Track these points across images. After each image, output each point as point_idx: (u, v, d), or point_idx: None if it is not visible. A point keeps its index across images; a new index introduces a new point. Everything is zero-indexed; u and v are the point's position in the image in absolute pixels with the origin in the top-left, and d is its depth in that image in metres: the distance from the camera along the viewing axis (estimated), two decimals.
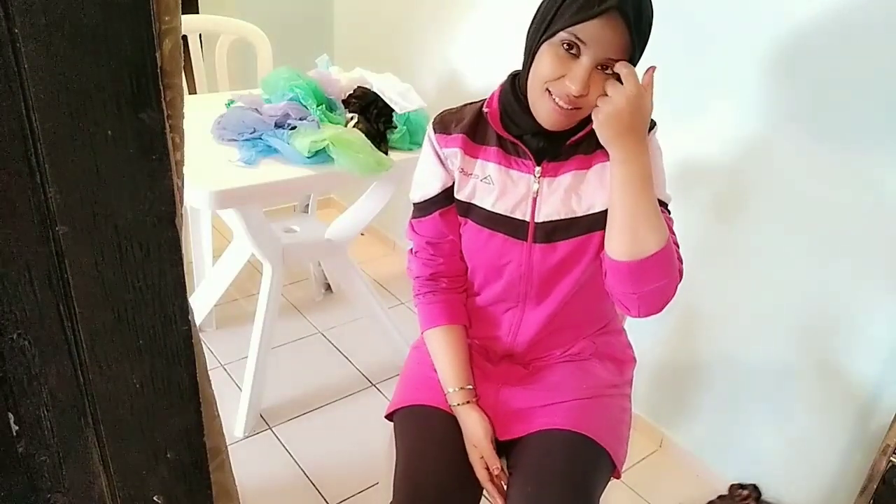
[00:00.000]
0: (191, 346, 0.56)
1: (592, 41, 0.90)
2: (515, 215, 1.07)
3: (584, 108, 0.96)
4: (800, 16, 1.38)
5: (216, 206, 1.49)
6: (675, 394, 1.85)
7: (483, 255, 1.12)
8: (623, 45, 0.91)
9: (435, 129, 1.11)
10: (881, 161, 1.32)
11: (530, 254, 1.08)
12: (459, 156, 1.08)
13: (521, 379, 1.17)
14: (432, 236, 1.15)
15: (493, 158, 1.07)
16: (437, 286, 1.17)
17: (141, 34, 0.45)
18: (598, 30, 0.89)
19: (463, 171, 1.09)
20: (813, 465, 1.58)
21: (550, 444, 1.07)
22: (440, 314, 1.17)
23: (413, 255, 1.20)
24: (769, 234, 1.53)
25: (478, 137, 1.09)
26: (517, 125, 1.04)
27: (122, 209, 0.48)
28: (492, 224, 1.08)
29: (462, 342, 1.16)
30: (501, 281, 1.12)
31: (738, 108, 1.53)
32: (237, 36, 2.14)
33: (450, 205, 1.12)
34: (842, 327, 1.46)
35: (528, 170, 1.06)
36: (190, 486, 0.61)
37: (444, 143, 1.10)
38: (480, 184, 1.08)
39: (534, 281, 1.10)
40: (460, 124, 1.09)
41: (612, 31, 0.89)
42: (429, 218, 1.13)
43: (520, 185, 1.06)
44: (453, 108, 1.14)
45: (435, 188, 1.11)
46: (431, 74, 2.38)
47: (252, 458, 1.76)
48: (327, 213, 2.98)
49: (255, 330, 1.82)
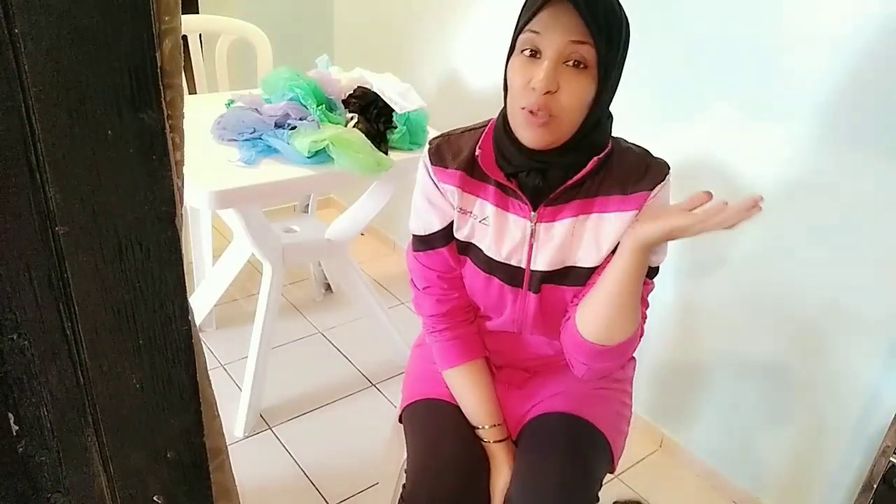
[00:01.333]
0: (191, 346, 0.56)
1: (547, 28, 0.87)
2: (511, 262, 1.03)
3: (559, 114, 0.90)
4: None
5: (216, 206, 1.49)
6: (676, 394, 1.85)
7: (482, 297, 1.10)
8: (579, 30, 0.86)
9: (431, 161, 1.04)
10: (880, 157, 1.33)
11: (525, 301, 1.06)
12: (458, 194, 1.03)
13: (524, 381, 1.18)
14: (443, 271, 1.10)
15: (491, 199, 1.03)
16: (454, 321, 1.13)
17: (141, 34, 0.45)
18: (550, 19, 0.87)
19: (461, 209, 1.04)
20: (813, 464, 1.58)
21: (551, 424, 1.09)
22: (460, 352, 1.13)
23: (422, 291, 1.13)
24: (769, 235, 1.53)
25: (476, 173, 1.03)
26: (510, 162, 0.98)
27: (122, 209, 0.48)
28: (489, 269, 1.05)
29: (486, 377, 1.14)
30: (501, 318, 1.11)
31: (739, 107, 1.53)
32: (237, 36, 2.14)
33: (452, 240, 1.08)
34: (842, 327, 1.46)
35: (524, 213, 1.01)
36: (190, 486, 0.61)
37: (442, 178, 1.04)
38: (478, 225, 1.04)
39: (529, 323, 1.09)
40: (458, 158, 1.03)
41: (565, 17, 0.86)
42: (436, 252, 1.08)
43: (515, 230, 1.02)
44: (450, 134, 1.07)
45: (436, 225, 1.07)
46: (431, 74, 2.38)
47: (252, 458, 1.76)
48: (327, 213, 2.98)
49: (255, 330, 1.82)
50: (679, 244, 1.05)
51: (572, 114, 0.91)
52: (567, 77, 0.89)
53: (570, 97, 0.89)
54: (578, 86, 0.89)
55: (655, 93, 1.67)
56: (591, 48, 0.87)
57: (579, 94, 0.90)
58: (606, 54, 0.89)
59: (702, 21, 1.55)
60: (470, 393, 1.12)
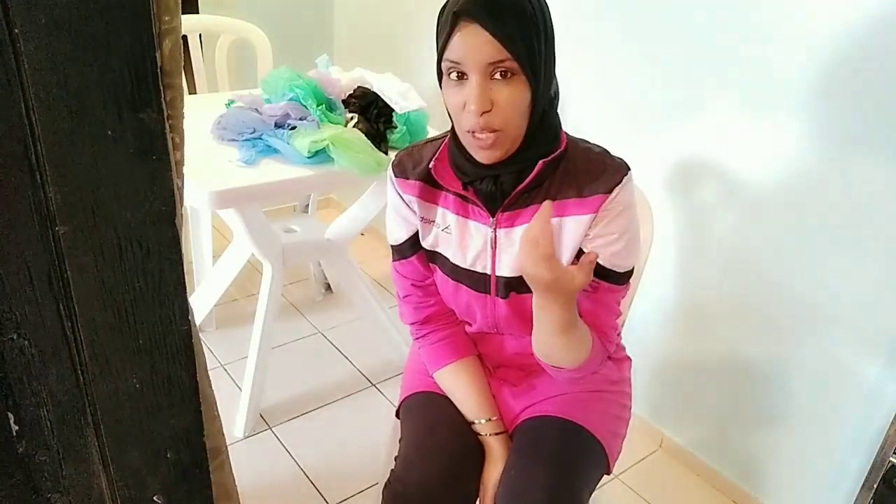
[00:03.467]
0: (191, 346, 0.56)
1: (463, 56, 0.86)
2: (476, 268, 1.04)
3: (503, 127, 0.89)
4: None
5: (216, 206, 1.49)
6: (675, 394, 1.85)
7: (454, 303, 1.11)
8: (494, 49, 0.85)
9: (395, 173, 1.06)
10: (880, 155, 1.33)
11: (494, 307, 1.06)
12: (417, 203, 1.04)
13: (519, 379, 1.18)
14: (416, 279, 1.12)
15: (451, 207, 1.03)
16: (436, 325, 1.15)
17: (141, 34, 0.45)
18: (461, 42, 0.86)
19: (423, 219, 1.05)
20: (813, 464, 1.58)
21: (543, 428, 1.09)
22: (446, 352, 1.14)
23: (402, 300, 1.15)
24: (769, 234, 1.53)
25: (434, 183, 1.03)
26: (464, 172, 0.98)
27: (122, 209, 0.48)
28: (456, 276, 1.06)
29: (477, 372, 1.14)
30: (476, 324, 1.12)
31: (736, 107, 1.53)
32: (237, 36, 2.14)
33: (421, 249, 1.09)
34: (842, 327, 1.46)
35: (484, 220, 1.01)
36: (190, 486, 0.61)
37: (403, 189, 1.05)
38: (442, 234, 1.05)
39: (502, 328, 1.09)
40: (417, 169, 1.04)
41: (473, 37, 0.85)
42: (408, 261, 1.10)
43: (477, 237, 1.02)
44: (414, 146, 1.08)
45: (403, 234, 1.09)
46: (431, 74, 2.37)
47: (252, 458, 1.76)
48: (327, 213, 2.98)
49: (255, 330, 1.82)
50: (680, 245, 1.05)
51: (514, 123, 0.90)
52: (498, 89, 0.88)
53: (507, 109, 0.88)
54: (512, 95, 0.88)
55: (653, 91, 1.67)
56: (513, 61, 0.86)
57: (515, 103, 0.89)
58: (529, 59, 0.87)
59: (697, 18, 1.55)
60: (462, 389, 1.12)
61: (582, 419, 1.09)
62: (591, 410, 1.12)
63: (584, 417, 1.10)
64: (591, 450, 1.08)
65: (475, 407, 1.11)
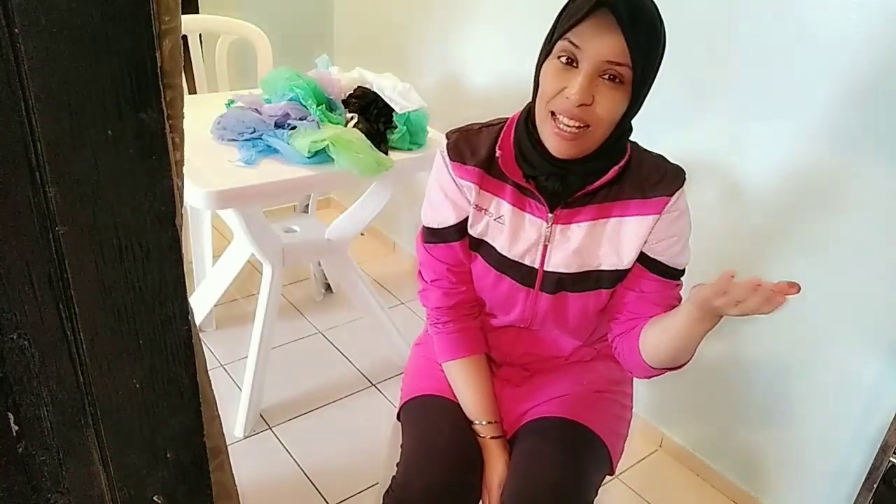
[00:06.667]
0: (191, 346, 0.56)
1: (587, 44, 0.86)
2: (525, 261, 1.04)
3: (592, 125, 0.90)
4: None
5: (216, 206, 1.49)
6: (675, 394, 1.85)
7: (490, 295, 1.11)
8: (619, 46, 0.85)
9: (450, 156, 1.04)
10: (882, 157, 1.32)
11: (536, 301, 1.07)
12: (475, 191, 1.03)
13: (522, 381, 1.18)
14: (453, 264, 1.10)
15: (508, 198, 1.03)
16: (458, 314, 1.13)
17: (141, 34, 0.45)
18: (591, 30, 0.86)
19: (478, 206, 1.04)
20: (813, 464, 1.58)
21: (548, 428, 1.09)
22: (462, 346, 1.13)
23: (430, 283, 1.13)
24: (769, 234, 1.53)
25: (494, 172, 1.03)
26: (530, 164, 0.98)
27: (122, 209, 0.48)
28: (500, 267, 1.06)
29: (485, 373, 1.14)
30: (511, 316, 1.11)
31: (735, 107, 1.53)
32: (237, 36, 2.14)
33: (466, 236, 1.08)
34: (842, 327, 1.46)
35: (541, 214, 1.02)
36: (190, 486, 0.61)
37: (460, 174, 1.04)
38: (493, 223, 1.04)
39: (537, 322, 1.10)
40: (476, 156, 1.03)
41: (606, 31, 0.85)
42: (447, 246, 1.08)
43: (531, 230, 1.03)
44: (468, 129, 1.06)
45: (451, 219, 1.06)
46: (431, 74, 2.38)
47: (252, 458, 1.76)
48: (327, 213, 2.97)
49: (254, 330, 1.82)
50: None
51: (603, 126, 0.91)
52: (602, 90, 0.88)
53: (604, 111, 0.89)
54: (613, 100, 0.89)
55: (653, 91, 1.66)
56: (629, 69, 0.87)
57: (613, 109, 0.90)
58: (643, 73, 0.88)
59: (704, 19, 1.55)
60: (469, 386, 1.12)
61: (585, 419, 1.10)
62: (594, 410, 1.12)
63: (587, 417, 1.10)
64: (595, 450, 1.09)
65: (479, 407, 1.11)
